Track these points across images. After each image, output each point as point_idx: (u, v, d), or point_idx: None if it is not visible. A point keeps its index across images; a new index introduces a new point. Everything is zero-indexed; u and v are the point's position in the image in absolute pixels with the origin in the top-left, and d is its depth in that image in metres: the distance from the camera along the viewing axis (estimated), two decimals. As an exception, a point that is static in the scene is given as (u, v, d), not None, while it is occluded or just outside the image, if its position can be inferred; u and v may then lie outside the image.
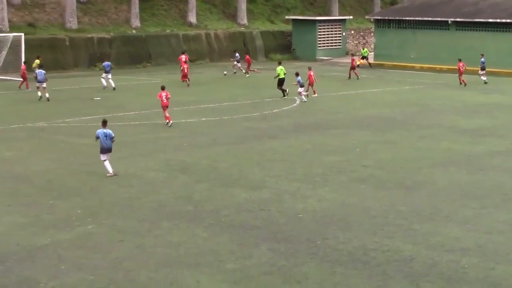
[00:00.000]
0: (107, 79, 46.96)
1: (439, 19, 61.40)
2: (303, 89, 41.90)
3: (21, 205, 21.21)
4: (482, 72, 50.85)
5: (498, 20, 58.14)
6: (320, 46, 69.42)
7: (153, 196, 22.06)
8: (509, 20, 57.59)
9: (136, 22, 65.16)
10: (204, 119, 36.01)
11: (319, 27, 69.40)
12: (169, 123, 33.48)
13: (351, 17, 74.78)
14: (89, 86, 48.02)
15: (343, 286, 15.33)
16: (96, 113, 37.23)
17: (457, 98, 44.01)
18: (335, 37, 70.56)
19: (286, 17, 73.26)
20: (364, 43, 75.15)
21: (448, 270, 16.06)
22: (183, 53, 53.73)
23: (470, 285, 15.33)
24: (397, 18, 64.44)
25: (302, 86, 41.84)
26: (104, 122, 25.23)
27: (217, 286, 15.38)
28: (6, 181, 24.00)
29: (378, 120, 35.83)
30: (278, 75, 43.63)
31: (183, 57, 51.96)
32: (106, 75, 47.05)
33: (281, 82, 43.45)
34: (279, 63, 46.54)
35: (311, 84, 43.89)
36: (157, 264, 16.48)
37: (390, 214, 20.12)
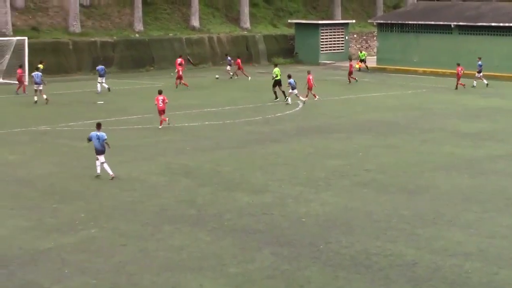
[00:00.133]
0: (101, 83, 47.04)
1: (441, 23, 61.43)
2: (295, 91, 41.86)
3: (24, 208, 21.25)
4: (479, 75, 51.04)
5: (501, 24, 58.18)
6: (322, 50, 69.45)
7: (155, 200, 22.09)
8: (511, 24, 57.61)
9: (139, 26, 65.23)
10: (206, 123, 36.04)
11: (322, 31, 69.44)
12: (166, 123, 33.92)
13: (354, 21, 74.80)
14: (92, 90, 48.04)
15: (346, 290, 15.36)
16: (99, 117, 37.22)
17: (459, 102, 44.02)
18: (338, 41, 70.58)
19: (289, 21, 73.29)
20: (366, 47, 75.19)
21: (451, 275, 16.07)
22: (180, 56, 54.24)
23: (472, 290, 15.36)
24: (399, 22, 64.47)
25: (293, 89, 41.82)
26: (99, 125, 25.50)
27: (219, 290, 15.41)
28: (9, 184, 24.04)
29: (381, 124, 35.84)
30: (276, 76, 43.70)
31: (179, 60, 52.57)
32: (101, 79, 47.14)
33: (277, 83, 43.57)
34: (275, 65, 46.77)
35: (310, 88, 43.93)
36: (159, 268, 16.51)
37: (392, 218, 20.13)
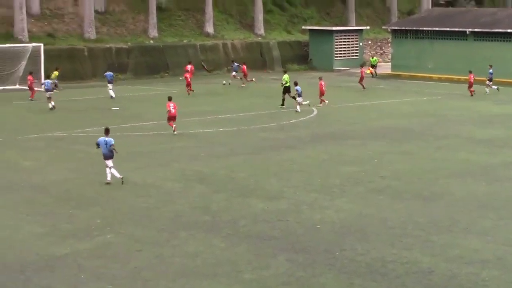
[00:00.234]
0: (111, 88, 47.36)
1: (457, 29, 61.27)
2: (301, 98, 41.81)
3: (39, 214, 21.33)
4: (490, 83, 50.94)
5: (516, 30, 58.03)
6: (337, 57, 69.39)
7: (170, 206, 22.12)
8: (527, 31, 57.50)
9: (153, 33, 65.43)
10: (221, 129, 36.09)
11: (336, 37, 69.39)
12: (171, 129, 34.09)
13: (368, 27, 74.72)
14: (107, 96, 48.20)
15: (361, 297, 15.34)
16: (114, 123, 37.35)
17: (473, 108, 43.88)
18: (352, 47, 70.54)
19: (303, 27, 73.30)
20: (381, 53, 75.11)
21: (468, 283, 15.99)
22: (189, 63, 54.46)
23: (489, 297, 15.30)
24: (414, 28, 64.35)
25: (300, 96, 41.76)
26: (107, 130, 25.74)
27: (235, 296, 15.42)
28: (25, 190, 24.14)
29: (395, 130, 35.78)
30: (286, 82, 43.68)
31: (189, 67, 52.82)
32: (110, 85, 47.41)
33: (286, 90, 43.56)
34: (285, 71, 46.79)
35: (322, 94, 43.91)
36: (175, 274, 16.53)
37: (408, 225, 20.08)
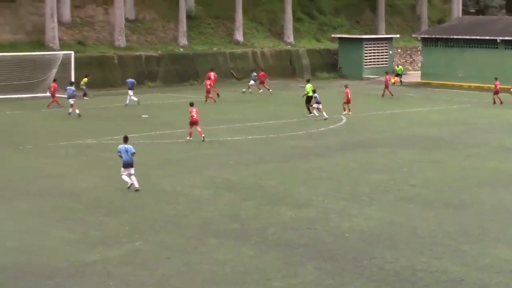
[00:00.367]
0: (131, 95, 47.71)
1: (487, 37, 60.88)
2: (319, 105, 41.85)
3: (69, 221, 21.48)
4: None
5: (548, 39, 57.55)
6: (366, 65, 69.22)
7: (199, 214, 22.17)
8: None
9: (183, 41, 65.73)
10: (250, 137, 36.12)
11: (366, 46, 69.23)
12: (201, 136, 34.33)
13: (398, 35, 74.54)
14: (135, 103, 48.45)
15: (390, 306, 15.25)
16: (143, 130, 37.62)
17: (503, 117, 43.55)
18: (382, 55, 70.34)
19: (333, 35, 73.24)
20: (411, 62, 74.82)
21: (497, 292, 15.88)
22: (212, 70, 54.69)
23: (519, 307, 15.15)
24: (444, 36, 64.03)
25: (318, 103, 41.79)
26: (125, 138, 25.93)
27: (263, 304, 15.40)
28: (55, 197, 24.32)
29: (425, 139, 35.59)
30: (307, 93, 43.73)
31: (212, 74, 53.04)
32: (131, 92, 47.80)
33: (309, 99, 43.58)
34: (308, 80, 46.81)
35: (348, 102, 43.83)
36: (203, 281, 16.54)
37: (438, 234, 19.94)
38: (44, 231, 20.50)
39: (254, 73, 57.77)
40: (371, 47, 69.63)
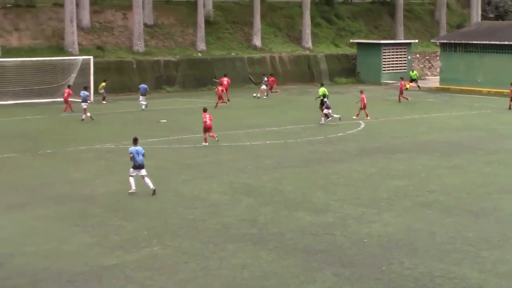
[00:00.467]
0: (143, 101, 47.95)
1: (506, 42, 60.61)
2: (329, 110, 41.87)
3: (88, 225, 21.56)
4: None
5: None
6: (385, 70, 69.11)
7: (217, 218, 22.18)
8: None
9: (201, 45, 65.88)
10: (268, 142, 36.12)
11: (384, 51, 69.12)
12: (215, 139, 34.54)
13: (417, 40, 74.37)
14: (155, 108, 48.63)
15: (409, 312, 15.19)
16: (162, 135, 37.72)
17: (525, 123, 43.35)
18: (400, 60, 70.19)
19: (351, 40, 73.18)
20: (429, 67, 74.60)
21: (517, 299, 15.78)
22: (225, 76, 54.79)
23: (539, 315, 15.04)
24: (463, 41, 63.81)
25: (328, 108, 41.83)
26: (135, 140, 26.06)
27: (281, 309, 15.38)
28: (74, 201, 24.42)
29: (444, 144, 35.45)
30: (320, 96, 43.80)
31: (225, 79, 53.13)
32: (142, 98, 48.05)
33: (323, 103, 43.62)
34: (322, 84, 46.78)
35: (364, 107, 43.75)
36: (221, 286, 16.55)
37: (457, 241, 19.85)
38: (63, 235, 20.58)
39: (265, 78, 57.83)
40: (389, 52, 69.51)
